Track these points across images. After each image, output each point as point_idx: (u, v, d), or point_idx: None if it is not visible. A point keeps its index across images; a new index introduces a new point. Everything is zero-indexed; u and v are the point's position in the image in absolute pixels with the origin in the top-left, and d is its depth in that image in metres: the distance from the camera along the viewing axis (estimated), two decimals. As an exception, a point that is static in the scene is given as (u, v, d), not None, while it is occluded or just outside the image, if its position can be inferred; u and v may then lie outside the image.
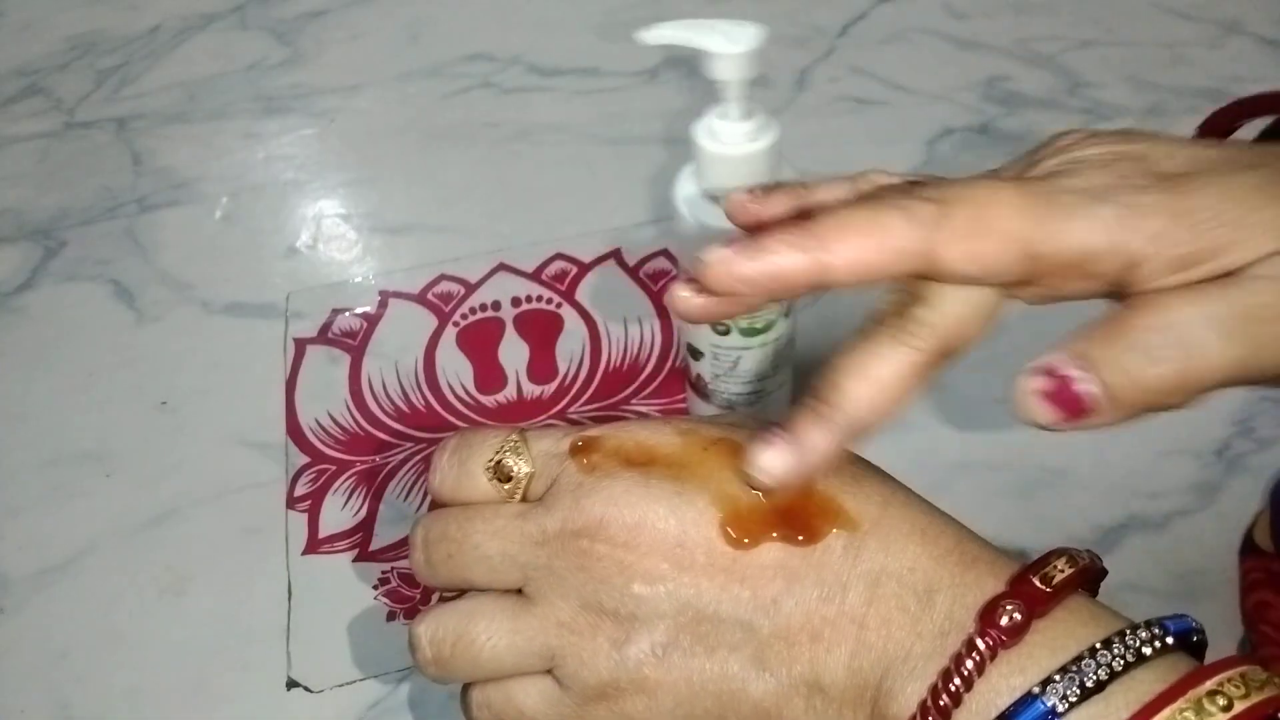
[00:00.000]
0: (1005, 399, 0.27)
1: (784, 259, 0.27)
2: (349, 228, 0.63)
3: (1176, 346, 0.26)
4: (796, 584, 0.28)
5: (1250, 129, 0.36)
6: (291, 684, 0.45)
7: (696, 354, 0.49)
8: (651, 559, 0.28)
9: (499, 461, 0.31)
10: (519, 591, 0.30)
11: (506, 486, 0.31)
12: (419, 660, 0.31)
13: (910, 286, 0.28)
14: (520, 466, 0.31)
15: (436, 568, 0.31)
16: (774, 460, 0.28)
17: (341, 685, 0.45)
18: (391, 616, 0.47)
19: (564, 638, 0.29)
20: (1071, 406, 0.26)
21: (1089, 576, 0.27)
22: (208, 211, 0.65)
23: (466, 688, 0.32)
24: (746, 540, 0.28)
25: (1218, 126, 0.34)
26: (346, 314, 0.58)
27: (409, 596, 0.47)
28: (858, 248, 0.26)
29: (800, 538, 0.28)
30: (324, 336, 0.57)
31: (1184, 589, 0.46)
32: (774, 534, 0.28)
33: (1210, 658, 0.25)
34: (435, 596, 0.47)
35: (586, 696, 0.29)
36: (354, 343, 0.57)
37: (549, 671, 0.30)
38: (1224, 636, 0.45)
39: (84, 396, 0.56)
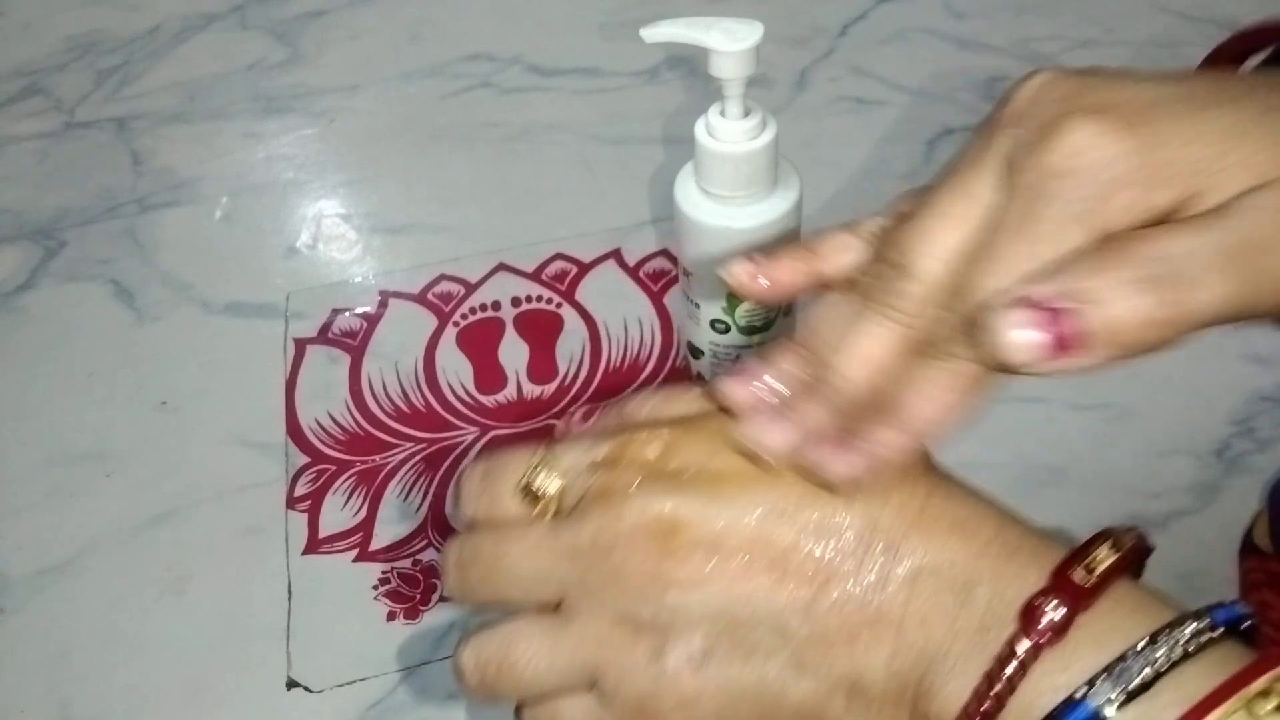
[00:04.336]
0: (993, 340, 0.25)
1: (889, 449, 0.27)
2: (349, 228, 0.63)
3: (1173, 278, 0.24)
4: (833, 586, 0.27)
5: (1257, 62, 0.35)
6: (291, 684, 0.45)
7: (697, 353, 0.49)
8: (685, 568, 0.28)
9: (528, 483, 0.31)
10: (557, 608, 0.30)
11: (539, 507, 0.31)
12: (466, 687, 0.31)
13: (887, 254, 0.28)
14: (549, 484, 0.30)
15: (472, 589, 0.31)
16: (775, 436, 0.28)
17: (341, 685, 0.45)
18: (391, 616, 0.47)
19: (602, 653, 0.29)
20: (1058, 342, 0.24)
21: (1134, 559, 0.27)
22: (208, 211, 0.64)
23: (518, 708, 0.32)
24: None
25: (1223, 59, 0.33)
26: (346, 314, 0.58)
27: (409, 596, 0.47)
28: (942, 411, 0.27)
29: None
30: (324, 336, 0.57)
31: (1184, 589, 0.46)
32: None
33: None
34: (436, 598, 0.47)
35: (628, 711, 0.29)
36: (354, 343, 0.57)
37: (593, 686, 0.30)
38: (1224, 636, 0.45)
39: (84, 396, 0.56)
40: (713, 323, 0.47)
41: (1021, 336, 0.24)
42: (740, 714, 0.28)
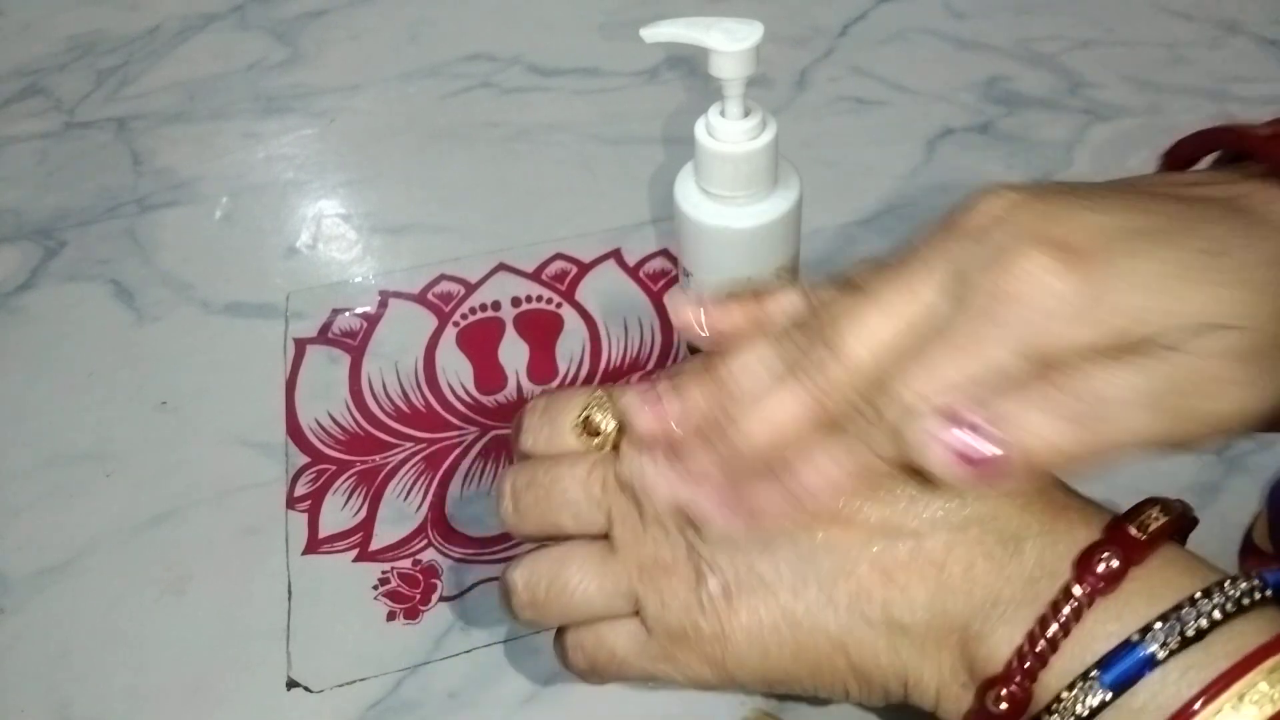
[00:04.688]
0: (921, 456, 0.26)
1: (767, 504, 0.28)
2: (349, 228, 0.63)
3: (1098, 415, 0.25)
4: (868, 533, 0.28)
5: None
6: (291, 684, 0.45)
7: (696, 353, 0.49)
8: None
9: (587, 417, 0.32)
10: (605, 538, 0.31)
11: (595, 441, 0.32)
12: (514, 604, 0.32)
13: (822, 330, 0.29)
14: (608, 421, 0.32)
15: (524, 514, 0.32)
16: (654, 477, 0.30)
17: (341, 685, 0.45)
18: (391, 616, 0.47)
19: (644, 581, 0.30)
20: (984, 466, 0.25)
21: (1182, 525, 0.28)
22: (208, 211, 0.64)
23: (560, 631, 0.33)
24: None
25: (1180, 156, 0.34)
26: (346, 314, 0.58)
27: (409, 596, 0.47)
28: (832, 490, 0.28)
29: None
30: (324, 336, 0.57)
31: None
32: None
33: None
34: (436, 598, 0.47)
35: (670, 638, 0.30)
36: (354, 343, 0.57)
37: (636, 614, 0.31)
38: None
39: (84, 396, 0.56)
40: (713, 323, 0.47)
41: (942, 450, 0.26)
42: (772, 646, 0.29)
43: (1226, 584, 0.25)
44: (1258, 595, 0.25)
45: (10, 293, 0.61)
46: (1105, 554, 0.26)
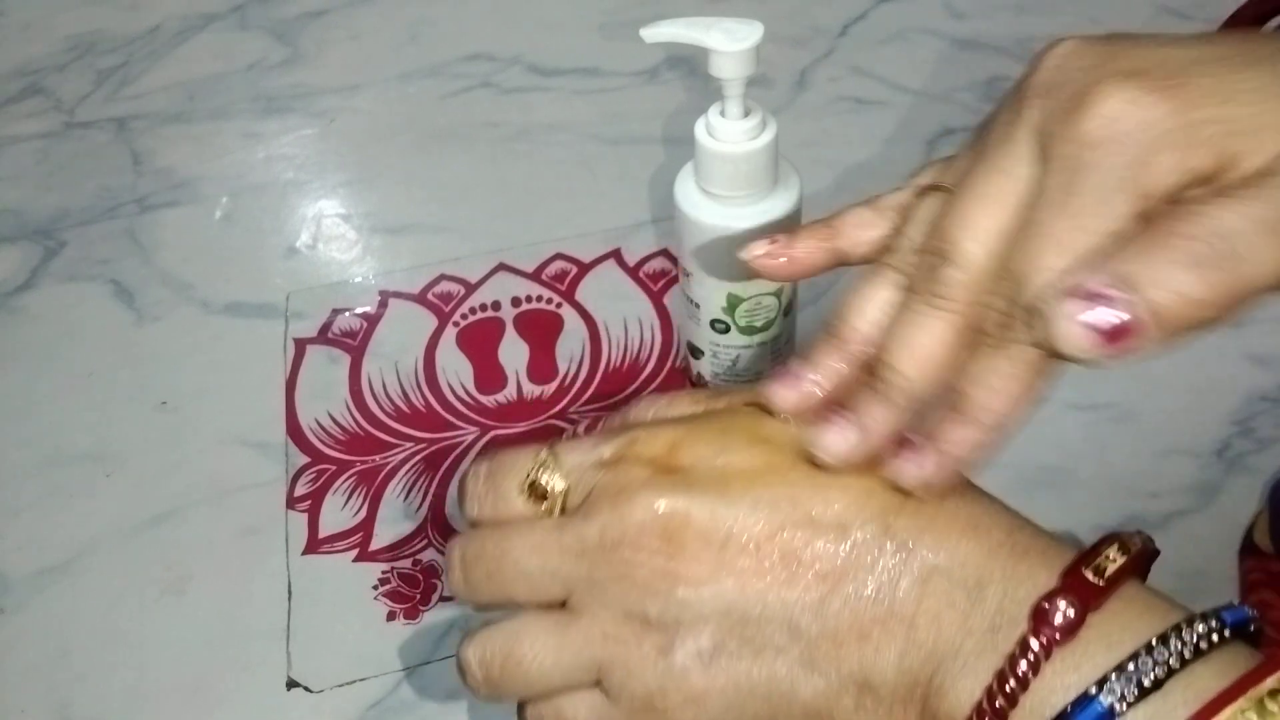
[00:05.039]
0: (1050, 333, 0.24)
1: (963, 448, 0.27)
2: (349, 228, 0.63)
3: (1225, 254, 0.23)
4: (844, 584, 0.27)
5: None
6: (291, 684, 0.45)
7: (696, 353, 0.49)
8: (694, 564, 0.28)
9: (533, 481, 0.30)
10: (563, 605, 0.30)
11: (544, 505, 0.30)
12: (470, 683, 0.31)
13: (927, 241, 0.28)
14: (555, 482, 0.30)
15: (476, 587, 0.31)
16: (838, 441, 0.28)
17: (341, 685, 0.45)
18: (391, 616, 0.47)
19: (609, 649, 0.29)
20: (1118, 333, 0.23)
21: (1141, 562, 0.27)
22: (208, 211, 0.64)
23: (521, 706, 0.32)
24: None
25: (1244, 19, 0.33)
26: (346, 314, 0.58)
27: (409, 596, 0.47)
28: (1014, 402, 0.27)
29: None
30: (324, 336, 0.57)
31: (1184, 589, 0.45)
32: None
33: None
34: (436, 598, 0.47)
35: (635, 708, 0.29)
36: (354, 343, 0.57)
37: (599, 684, 0.29)
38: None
39: (84, 396, 0.56)
40: (713, 323, 0.47)
41: (1077, 329, 0.24)
42: (749, 711, 0.28)
43: (1183, 629, 0.24)
44: (1214, 638, 0.24)
45: (10, 293, 0.61)
46: (1061, 603, 0.25)
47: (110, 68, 0.74)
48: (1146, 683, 0.24)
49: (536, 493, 0.30)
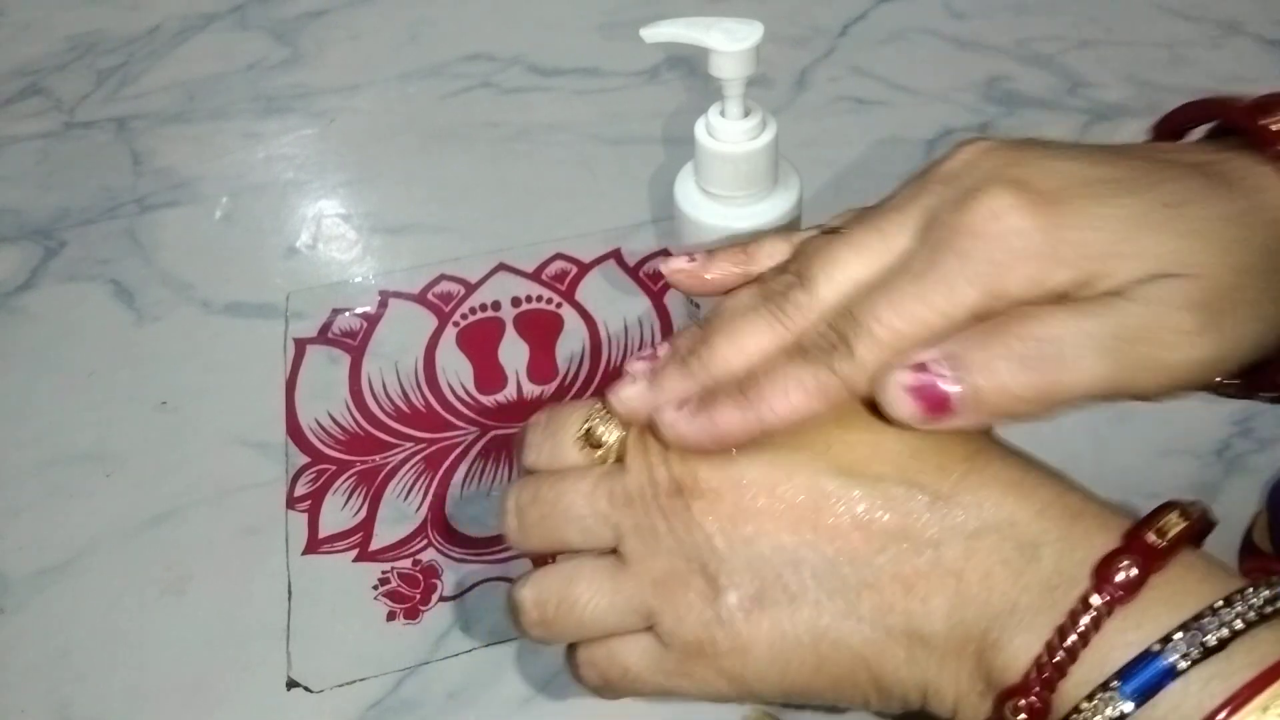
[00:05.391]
0: (877, 392, 0.28)
1: (728, 419, 0.29)
2: (349, 228, 0.63)
3: (1050, 359, 0.26)
4: (887, 540, 0.28)
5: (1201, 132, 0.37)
6: (291, 684, 0.45)
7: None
8: (739, 515, 0.29)
9: (589, 429, 0.31)
10: (614, 552, 0.31)
11: (598, 453, 0.31)
12: (524, 623, 0.32)
13: (795, 264, 0.30)
14: (610, 432, 0.31)
15: (529, 531, 0.32)
16: (628, 389, 0.30)
17: (341, 685, 0.45)
18: (391, 616, 0.47)
19: (659, 595, 0.30)
20: (936, 404, 0.27)
21: (1201, 529, 0.27)
22: (208, 211, 0.64)
23: (571, 648, 0.33)
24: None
25: (1169, 129, 0.35)
26: (346, 314, 0.58)
27: (409, 596, 0.47)
28: (792, 409, 0.29)
29: None
30: (324, 336, 0.57)
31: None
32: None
33: None
34: (436, 598, 0.47)
35: (686, 653, 0.30)
36: (354, 343, 0.57)
37: (650, 629, 0.30)
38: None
39: (84, 396, 0.56)
40: (713, 323, 0.47)
41: (902, 393, 0.27)
42: (796, 659, 0.29)
43: (1248, 591, 0.25)
44: (1278, 604, 0.25)
45: (10, 293, 0.61)
46: (1124, 562, 0.26)
47: (110, 68, 0.74)
48: (1211, 643, 0.24)
49: (592, 442, 0.31)
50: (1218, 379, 0.30)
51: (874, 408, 0.28)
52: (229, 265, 0.61)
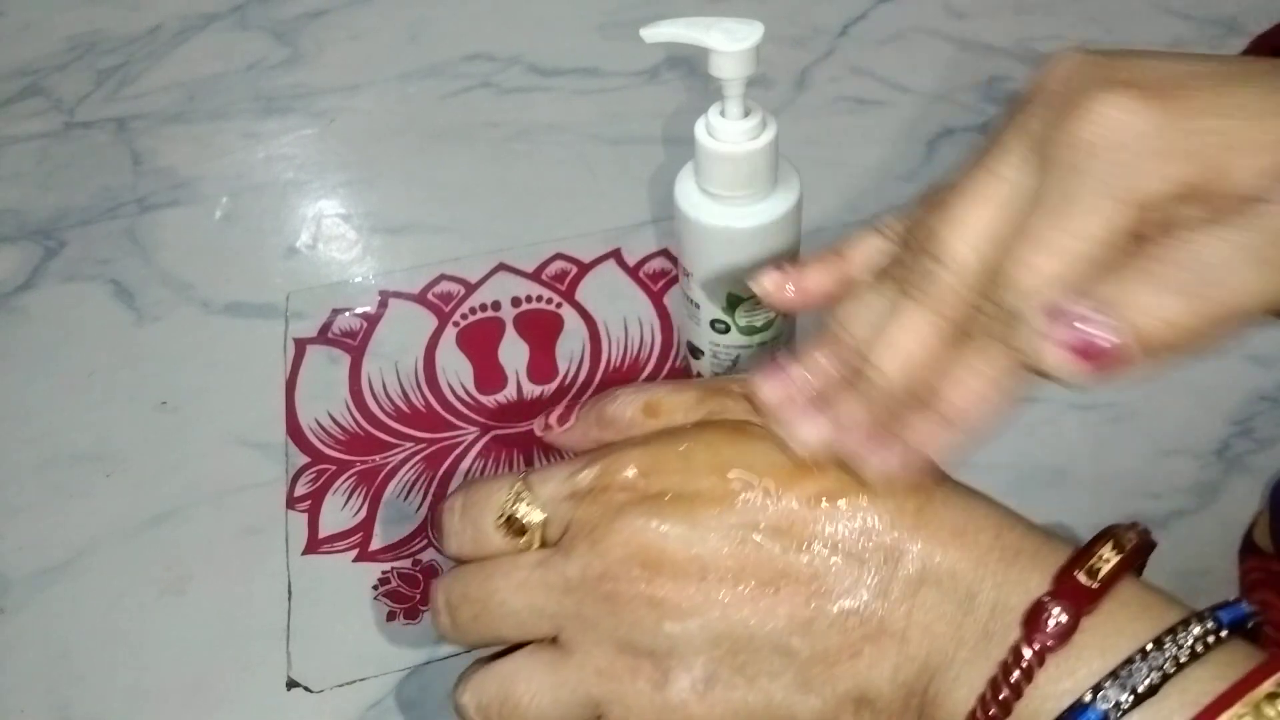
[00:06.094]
0: (1036, 360, 0.25)
1: (927, 440, 0.27)
2: (349, 228, 0.63)
3: (1207, 280, 0.24)
4: (831, 601, 0.27)
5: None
6: (291, 684, 0.45)
7: (696, 353, 0.49)
8: (679, 593, 0.28)
9: (510, 516, 0.30)
10: (554, 640, 0.30)
11: (522, 539, 0.30)
12: None
13: (918, 242, 0.28)
14: (532, 515, 0.30)
15: (464, 630, 0.31)
16: (810, 430, 0.28)
17: (341, 685, 0.45)
18: (391, 616, 0.47)
19: (604, 685, 0.29)
20: (1102, 356, 0.24)
21: (1137, 556, 0.27)
22: (208, 211, 0.64)
23: None
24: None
25: (1265, 47, 0.33)
26: (346, 314, 0.58)
27: (409, 596, 0.47)
28: (983, 403, 0.27)
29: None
30: (324, 336, 0.57)
31: (1184, 589, 0.45)
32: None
33: None
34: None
35: None
36: (354, 343, 0.57)
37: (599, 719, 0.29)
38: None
39: (84, 396, 0.56)
40: (713, 323, 0.47)
41: (1060, 350, 0.24)
42: None
43: (1179, 631, 0.24)
44: (1211, 640, 0.24)
45: (10, 293, 0.61)
46: (1055, 609, 0.25)
47: (110, 68, 0.74)
48: (1141, 689, 0.24)
49: (514, 527, 0.30)
50: None
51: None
52: (229, 265, 0.61)
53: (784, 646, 0.27)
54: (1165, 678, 0.24)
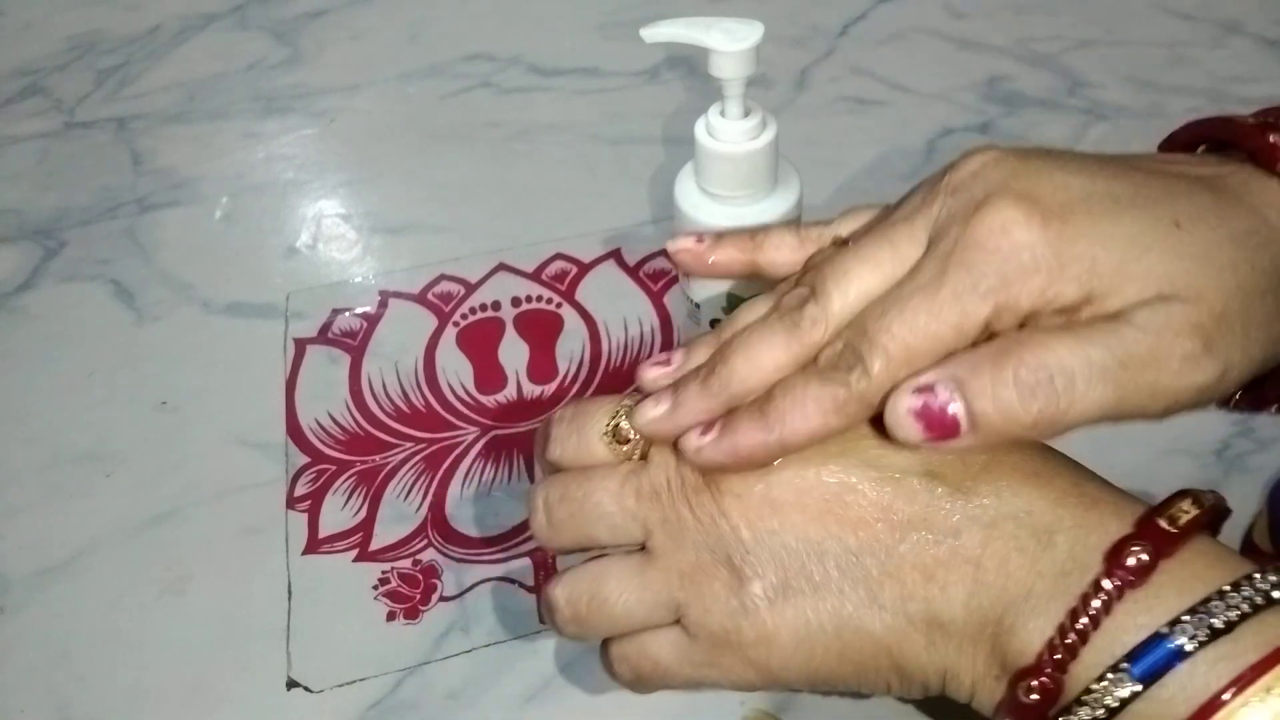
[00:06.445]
0: (884, 414, 0.28)
1: (750, 441, 0.29)
2: (349, 228, 0.63)
3: (1055, 387, 0.26)
4: (908, 530, 0.29)
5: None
6: (291, 684, 0.45)
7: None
8: (764, 507, 0.30)
9: (616, 425, 0.32)
10: (642, 547, 0.32)
11: (624, 449, 0.32)
12: (558, 621, 0.33)
13: (808, 279, 0.31)
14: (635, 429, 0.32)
15: (559, 529, 0.33)
16: (649, 408, 0.31)
17: (341, 685, 0.45)
18: (391, 616, 0.47)
19: (686, 588, 0.30)
20: (939, 427, 0.27)
21: (1214, 517, 0.28)
22: (208, 211, 0.64)
23: (605, 644, 0.33)
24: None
25: (1176, 145, 0.35)
26: (346, 314, 0.58)
27: (409, 596, 0.47)
28: (811, 429, 0.29)
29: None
30: (324, 336, 0.57)
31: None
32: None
33: None
34: (436, 598, 0.47)
35: (714, 643, 0.30)
36: (354, 343, 0.57)
37: (678, 622, 0.31)
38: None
39: (84, 396, 0.56)
40: (713, 323, 0.47)
41: (906, 416, 0.27)
42: (820, 648, 0.29)
43: (1256, 577, 0.26)
44: None
45: (10, 293, 0.61)
46: (1135, 547, 0.26)
47: (110, 68, 0.74)
48: (1218, 625, 0.25)
49: (619, 438, 0.32)
50: (1222, 398, 0.30)
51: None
52: (229, 265, 0.61)
53: (858, 565, 0.29)
54: (1241, 617, 0.25)
